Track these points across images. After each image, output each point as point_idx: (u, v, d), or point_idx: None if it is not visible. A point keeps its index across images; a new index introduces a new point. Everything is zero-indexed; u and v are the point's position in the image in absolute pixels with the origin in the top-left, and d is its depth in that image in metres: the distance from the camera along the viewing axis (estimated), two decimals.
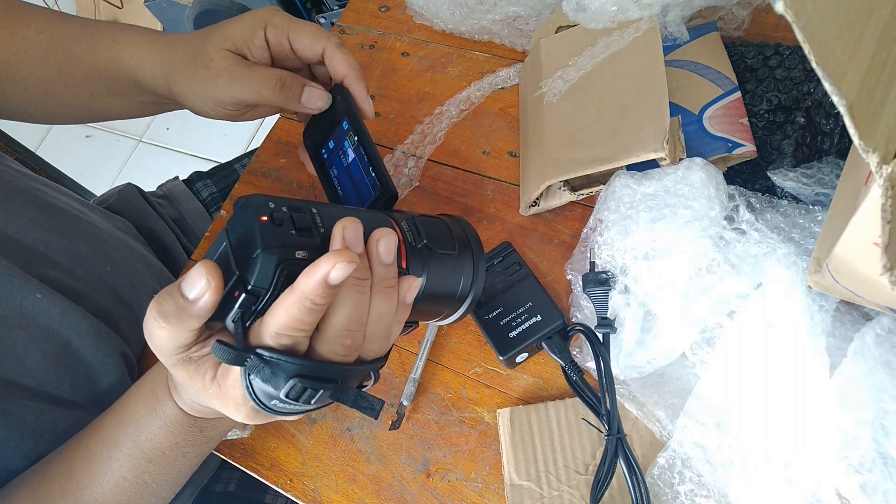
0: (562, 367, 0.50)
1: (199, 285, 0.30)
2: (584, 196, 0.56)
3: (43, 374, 0.53)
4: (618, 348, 0.48)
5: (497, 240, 0.59)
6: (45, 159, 1.03)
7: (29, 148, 1.02)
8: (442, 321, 0.44)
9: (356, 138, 0.50)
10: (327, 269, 0.30)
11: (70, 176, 1.08)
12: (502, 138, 0.64)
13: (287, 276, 0.31)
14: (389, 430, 0.54)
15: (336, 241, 0.32)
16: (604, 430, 0.47)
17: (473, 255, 0.42)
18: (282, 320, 0.31)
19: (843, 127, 0.43)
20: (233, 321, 0.32)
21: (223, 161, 0.93)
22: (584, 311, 0.51)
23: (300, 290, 0.30)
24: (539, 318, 0.51)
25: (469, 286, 0.42)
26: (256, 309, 0.32)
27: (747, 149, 0.53)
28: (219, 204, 0.86)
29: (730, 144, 0.53)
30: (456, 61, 0.70)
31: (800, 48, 0.53)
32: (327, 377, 0.33)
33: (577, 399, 0.49)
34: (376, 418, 0.34)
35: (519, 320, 0.51)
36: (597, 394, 0.48)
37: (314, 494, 0.55)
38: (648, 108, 0.51)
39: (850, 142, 0.41)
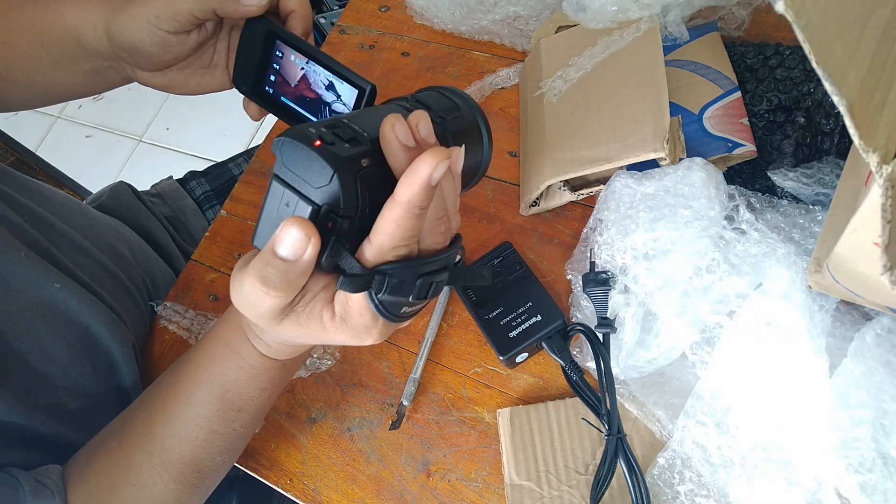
0: (562, 367, 0.50)
1: (299, 242, 0.30)
2: (584, 196, 0.56)
3: (67, 363, 0.54)
4: (618, 348, 0.48)
5: (497, 240, 0.59)
6: (45, 159, 1.04)
7: (29, 148, 1.02)
8: (471, 186, 0.45)
9: (304, 60, 0.47)
10: (429, 172, 0.30)
11: (70, 176, 1.08)
12: (502, 138, 0.64)
13: (364, 186, 0.32)
14: (389, 429, 0.54)
15: (390, 141, 0.32)
16: (604, 430, 0.47)
17: (473, 109, 0.42)
18: (396, 233, 0.31)
19: (843, 127, 0.43)
20: (332, 255, 0.32)
21: (219, 161, 0.93)
22: (584, 311, 0.51)
23: (407, 200, 0.30)
24: (539, 318, 0.51)
25: (488, 138, 0.43)
26: (350, 232, 0.32)
27: (747, 149, 0.53)
28: (212, 202, 0.86)
29: (730, 144, 0.53)
30: (456, 61, 0.70)
31: (800, 48, 0.53)
32: (441, 266, 0.35)
33: (577, 399, 0.49)
34: (489, 282, 0.37)
35: (519, 320, 0.51)
36: (597, 394, 0.48)
37: (314, 494, 0.55)
38: (648, 108, 0.51)
39: (851, 142, 0.41)
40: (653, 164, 0.51)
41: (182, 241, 0.82)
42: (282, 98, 0.50)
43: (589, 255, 0.51)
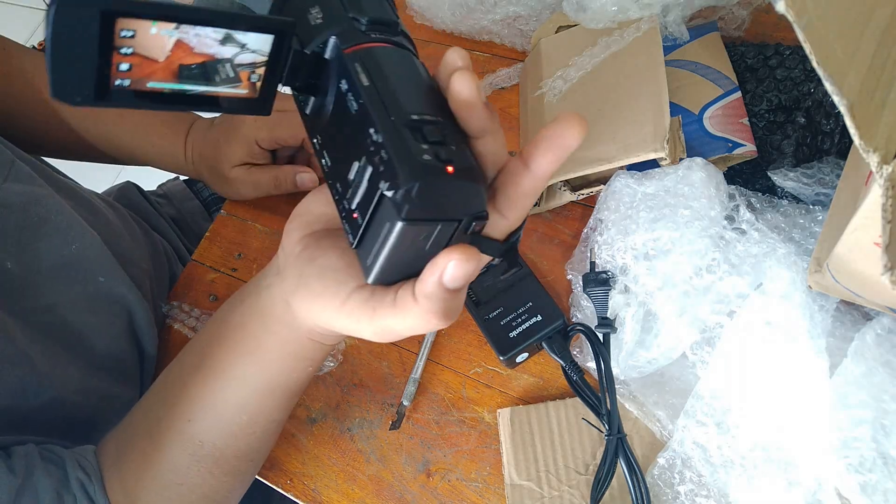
0: (562, 367, 0.50)
1: (470, 272, 0.29)
2: (584, 196, 0.56)
3: (109, 355, 0.56)
4: (618, 348, 0.48)
5: None
6: (45, 159, 1.03)
7: None
8: None
9: (172, 26, 0.33)
10: (575, 141, 0.28)
11: (70, 176, 1.08)
12: None
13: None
14: (389, 430, 0.54)
15: (476, 107, 0.28)
16: (604, 430, 0.47)
17: None
18: (529, 204, 0.31)
19: (844, 127, 0.43)
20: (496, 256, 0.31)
21: None
22: (584, 310, 0.51)
23: (547, 172, 0.29)
24: (539, 318, 0.51)
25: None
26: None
27: (747, 149, 0.53)
28: (219, 204, 0.86)
29: (730, 144, 0.53)
30: None
31: (800, 48, 0.53)
32: None
33: (578, 399, 0.49)
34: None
35: (519, 320, 0.51)
36: (597, 394, 0.48)
37: (314, 494, 0.55)
38: (648, 108, 0.51)
39: (851, 142, 0.41)
40: (653, 164, 0.51)
41: (188, 243, 0.82)
42: (152, 85, 0.36)
43: (589, 255, 0.51)
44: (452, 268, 0.28)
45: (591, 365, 0.49)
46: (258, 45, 0.35)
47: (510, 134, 0.64)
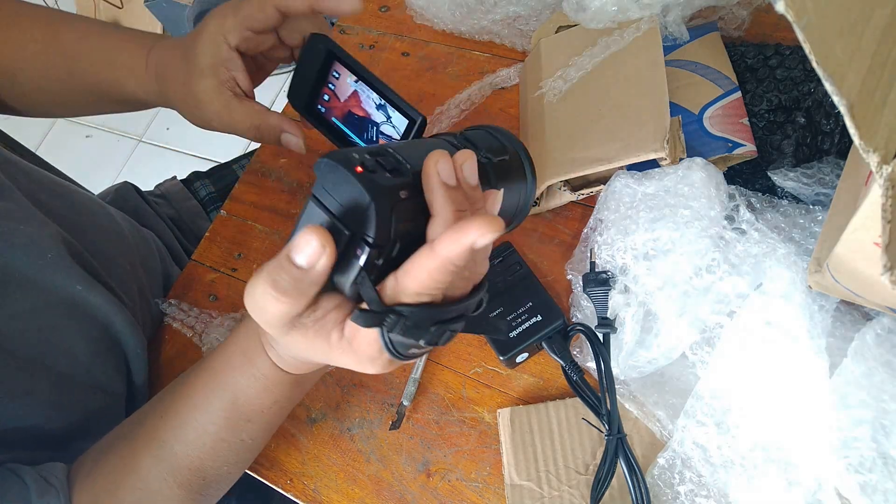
0: (562, 367, 0.50)
1: (313, 251, 0.29)
2: (584, 196, 0.56)
3: (89, 361, 0.55)
4: (618, 348, 0.48)
5: (497, 240, 0.59)
6: (45, 159, 1.03)
7: (29, 148, 1.02)
8: (513, 227, 0.45)
9: (355, 79, 0.47)
10: (476, 237, 0.29)
11: (70, 176, 1.08)
12: None
13: (399, 217, 0.31)
14: (389, 430, 0.54)
15: (431, 177, 0.31)
16: (604, 430, 0.47)
17: (519, 149, 0.41)
18: (425, 282, 0.30)
19: (844, 127, 0.43)
20: (356, 282, 0.31)
21: (223, 161, 0.93)
22: (584, 311, 0.51)
23: (446, 256, 0.29)
24: (539, 318, 0.51)
25: (532, 179, 0.41)
26: (379, 263, 0.31)
27: (747, 149, 0.53)
28: (217, 203, 0.86)
29: (730, 144, 0.53)
30: (456, 61, 0.70)
31: (800, 48, 0.53)
32: (460, 314, 0.34)
33: (578, 399, 0.49)
34: (507, 336, 0.37)
35: (519, 320, 0.51)
36: (597, 394, 0.48)
37: (314, 494, 0.55)
38: (648, 108, 0.51)
39: (851, 142, 0.41)
40: (653, 164, 0.51)
41: (186, 243, 0.82)
42: (332, 118, 0.51)
43: (589, 255, 0.51)
44: (300, 237, 0.29)
45: (591, 365, 0.49)
46: (398, 122, 0.47)
47: None
